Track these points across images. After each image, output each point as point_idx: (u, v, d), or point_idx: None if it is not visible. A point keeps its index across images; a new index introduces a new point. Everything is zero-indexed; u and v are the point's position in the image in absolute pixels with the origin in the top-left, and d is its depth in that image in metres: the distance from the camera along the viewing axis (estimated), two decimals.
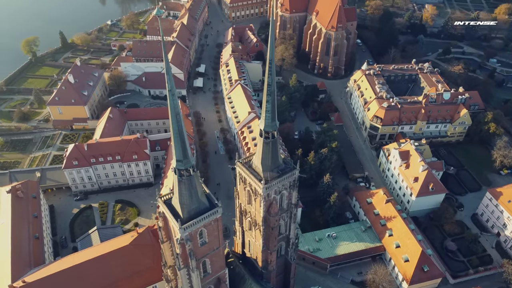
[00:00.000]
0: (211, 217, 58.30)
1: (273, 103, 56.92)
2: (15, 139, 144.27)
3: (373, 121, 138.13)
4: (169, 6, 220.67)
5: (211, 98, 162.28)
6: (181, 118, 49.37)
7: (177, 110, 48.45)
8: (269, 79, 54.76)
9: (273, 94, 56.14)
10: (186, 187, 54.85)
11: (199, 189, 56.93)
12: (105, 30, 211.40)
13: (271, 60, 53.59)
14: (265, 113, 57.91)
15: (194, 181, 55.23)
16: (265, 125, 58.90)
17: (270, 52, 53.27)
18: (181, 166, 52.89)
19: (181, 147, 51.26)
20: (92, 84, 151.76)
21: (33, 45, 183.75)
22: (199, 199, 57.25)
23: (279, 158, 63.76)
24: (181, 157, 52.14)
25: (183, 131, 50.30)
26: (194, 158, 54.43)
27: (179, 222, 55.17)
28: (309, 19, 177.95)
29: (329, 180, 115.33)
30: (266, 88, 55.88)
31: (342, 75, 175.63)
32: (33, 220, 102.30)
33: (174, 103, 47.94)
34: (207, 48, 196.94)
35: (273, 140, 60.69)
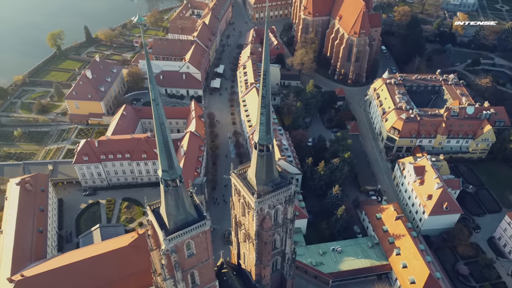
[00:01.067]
0: (199, 229, 56.47)
1: (267, 115, 54.53)
2: (33, 131, 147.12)
3: (390, 132, 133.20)
4: (194, 4, 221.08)
5: (227, 100, 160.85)
6: (166, 127, 47.57)
7: (161, 120, 46.69)
8: (264, 91, 52.40)
9: (268, 106, 53.76)
10: (172, 198, 53.21)
11: (187, 200, 55.15)
12: (129, 26, 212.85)
13: (266, 72, 51.21)
14: (259, 125, 55.50)
15: (181, 192, 53.50)
16: (260, 138, 56.56)
17: (265, 64, 50.91)
18: (167, 177, 51.24)
19: (166, 157, 49.55)
20: (110, 80, 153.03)
21: (58, 39, 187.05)
22: (187, 210, 55.49)
23: (275, 172, 61.23)
24: (166, 167, 50.48)
25: (169, 141, 48.53)
26: (181, 169, 52.49)
27: (164, 233, 53.62)
28: (332, 24, 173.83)
29: (338, 192, 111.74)
30: (260, 100, 53.56)
31: (363, 82, 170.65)
32: (38, 214, 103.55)
33: (159, 112, 46.17)
34: (228, 49, 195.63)
35: (268, 154, 58.28)
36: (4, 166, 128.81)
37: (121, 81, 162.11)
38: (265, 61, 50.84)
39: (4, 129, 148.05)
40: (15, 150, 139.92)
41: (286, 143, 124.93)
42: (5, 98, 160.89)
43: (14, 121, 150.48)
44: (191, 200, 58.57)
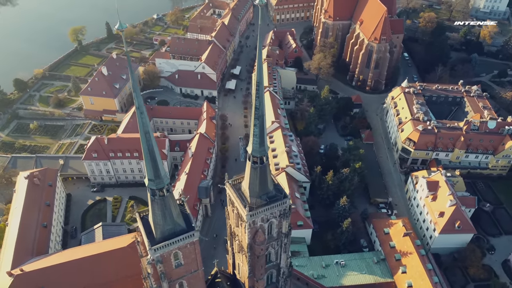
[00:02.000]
0: (186, 240, 54.96)
1: (261, 127, 52.35)
2: (48, 124, 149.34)
3: (405, 144, 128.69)
4: (215, 4, 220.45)
5: (241, 102, 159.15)
6: (151, 136, 46.12)
7: (146, 128, 45.27)
8: (257, 102, 50.29)
9: (261, 118, 51.57)
10: (159, 207, 51.86)
11: (175, 210, 53.68)
12: (150, 23, 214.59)
13: (259, 83, 49.06)
14: (252, 137, 53.46)
15: (168, 202, 52.06)
16: (253, 150, 54.44)
17: (258, 74, 48.75)
18: (153, 186, 49.87)
19: (152, 166, 48.17)
20: (125, 78, 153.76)
21: (80, 34, 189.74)
22: (174, 220, 54.04)
23: (269, 185, 59.00)
24: (152, 176, 49.11)
25: (154, 150, 47.15)
26: (168, 178, 51.02)
27: (149, 243, 52.36)
28: (352, 28, 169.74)
29: (346, 203, 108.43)
30: (253, 112, 51.45)
31: (381, 89, 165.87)
32: (44, 208, 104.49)
33: (143, 121, 44.75)
34: (246, 50, 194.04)
35: (262, 166, 56.06)
36: (17, 159, 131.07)
37: (137, 78, 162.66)
38: (259, 72, 48.71)
39: (21, 121, 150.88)
40: (30, 143, 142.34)
41: (296, 150, 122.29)
42: (24, 90, 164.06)
43: (31, 114, 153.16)
44: (181, 209, 57.18)
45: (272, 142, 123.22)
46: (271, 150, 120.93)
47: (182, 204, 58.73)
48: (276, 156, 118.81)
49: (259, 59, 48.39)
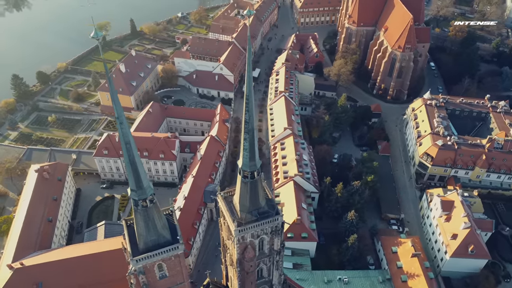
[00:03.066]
0: (170, 253, 53.34)
1: (251, 141, 49.97)
2: (66, 118, 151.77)
3: (422, 158, 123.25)
4: (240, 4, 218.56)
5: (257, 105, 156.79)
6: (132, 147, 44.58)
7: (126, 139, 43.76)
8: (246, 116, 47.99)
9: (252, 132, 49.19)
10: (142, 218, 50.42)
11: (159, 221, 52.15)
12: (174, 21, 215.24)
13: (248, 96, 46.71)
14: (242, 151, 51.19)
15: (152, 213, 50.56)
16: (243, 164, 52.19)
17: (248, 88, 46.40)
18: (135, 196, 48.44)
19: (133, 177, 46.70)
20: (143, 76, 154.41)
21: (104, 30, 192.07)
22: (158, 231, 52.52)
23: (261, 200, 56.54)
24: (134, 186, 47.66)
25: (136, 161, 45.59)
26: (152, 189, 49.47)
27: (130, 254, 51.02)
28: (376, 35, 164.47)
29: (354, 218, 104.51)
30: (243, 125, 49.17)
31: (403, 99, 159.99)
32: (51, 203, 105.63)
33: (123, 131, 43.28)
34: (267, 52, 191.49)
35: (252, 181, 53.69)
36: (33, 151, 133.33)
37: (155, 77, 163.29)
38: (248, 84, 46.36)
39: (41, 114, 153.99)
40: (47, 135, 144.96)
41: (307, 158, 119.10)
42: (46, 83, 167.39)
43: (50, 107, 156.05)
44: (169, 219, 55.66)
45: (283, 149, 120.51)
46: (281, 157, 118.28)
47: (170, 214, 57.22)
48: (285, 164, 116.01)
49: (249, 71, 45.93)
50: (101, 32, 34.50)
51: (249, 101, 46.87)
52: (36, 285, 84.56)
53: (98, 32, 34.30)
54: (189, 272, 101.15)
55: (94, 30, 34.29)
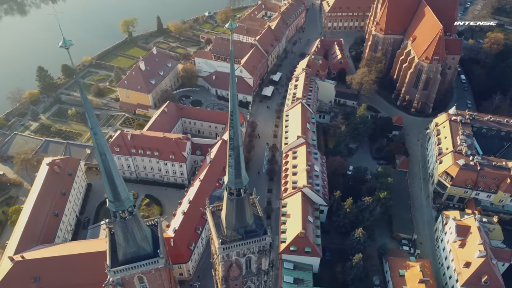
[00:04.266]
0: (150, 266, 51.80)
1: (237, 158, 47.72)
2: None
3: (442, 177, 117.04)
4: (268, 6, 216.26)
5: (274, 110, 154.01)
6: (107, 158, 43.15)
7: (101, 149, 42.36)
8: (231, 132, 45.78)
9: (237, 149, 46.96)
10: (120, 229, 49.15)
11: (139, 233, 50.72)
12: (200, 21, 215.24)
13: (233, 113, 44.36)
14: (228, 167, 48.92)
15: (130, 225, 49.18)
16: (229, 181, 49.98)
17: (232, 104, 44.02)
18: (113, 208, 47.14)
19: (110, 188, 45.37)
20: (162, 74, 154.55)
21: (131, 26, 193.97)
22: (138, 244, 51.06)
23: (248, 218, 54.24)
24: (112, 198, 46.26)
25: (112, 172, 44.13)
26: (131, 201, 48.07)
27: (108, 265, 49.76)
28: (404, 44, 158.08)
29: (361, 236, 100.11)
30: (228, 142, 46.84)
31: (428, 113, 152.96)
32: (59, 197, 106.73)
33: (97, 142, 41.91)
34: (291, 56, 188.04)
35: (239, 198, 51.38)
36: (50, 143, 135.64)
37: (175, 75, 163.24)
38: (232, 100, 43.98)
39: (62, 106, 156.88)
40: (65, 128, 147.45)
41: (319, 169, 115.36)
42: (70, 76, 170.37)
43: (72, 100, 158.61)
44: (153, 231, 54.13)
45: (294, 158, 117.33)
46: (292, 166, 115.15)
47: (155, 225, 55.71)
48: (295, 173, 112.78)
49: (232, 86, 43.55)
50: (70, 40, 32.95)
51: (233, 117, 44.57)
52: (34, 279, 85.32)
53: (67, 40, 32.77)
54: (189, 277, 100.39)
55: (63, 39, 32.79)
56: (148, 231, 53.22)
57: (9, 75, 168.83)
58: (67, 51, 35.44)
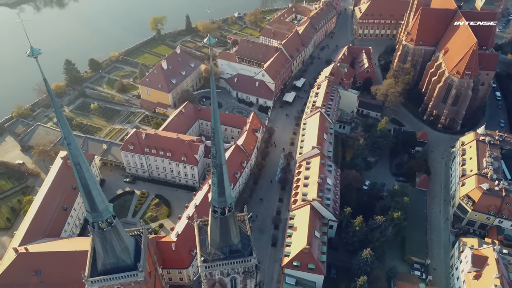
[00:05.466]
0: (128, 278, 50.43)
1: (220, 176, 45.50)
2: (107, 107, 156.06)
3: (463, 201, 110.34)
4: (298, 9, 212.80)
5: (294, 117, 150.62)
6: (82, 168, 41.90)
7: (75, 160, 41.22)
8: (213, 150, 43.62)
9: (220, 167, 44.76)
10: (98, 240, 48.12)
11: (118, 245, 49.53)
12: (230, 21, 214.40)
13: (214, 131, 42.10)
14: (211, 185, 46.77)
15: (109, 236, 48.03)
16: (212, 199, 47.85)
17: (214, 120, 41.73)
18: (90, 218, 45.95)
19: (86, 199, 44.18)
20: (184, 74, 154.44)
21: (159, 24, 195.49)
22: (117, 255, 49.80)
23: (233, 237, 51.95)
24: (88, 208, 45.10)
25: (88, 182, 42.89)
26: (110, 212, 46.76)
27: (85, 275, 48.78)
28: (435, 56, 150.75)
29: (369, 257, 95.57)
30: (211, 159, 44.68)
31: (456, 130, 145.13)
32: (69, 191, 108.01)
33: (71, 152, 40.80)
34: (317, 62, 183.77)
35: (223, 217, 49.15)
36: None
37: (197, 76, 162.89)
38: (214, 116, 41.68)
39: (86, 100, 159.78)
40: (86, 122, 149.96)
41: (331, 182, 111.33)
42: (97, 71, 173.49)
43: (95, 94, 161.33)
44: (137, 241, 52.79)
45: (307, 169, 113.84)
46: (304, 177, 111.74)
47: (140, 235, 54.34)
48: (307, 185, 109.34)
49: (214, 103, 41.28)
50: (38, 49, 31.72)
51: (215, 134, 42.33)
52: (35, 272, 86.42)
53: (35, 49, 31.56)
54: (189, 283, 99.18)
55: (30, 48, 31.60)
56: (131, 242, 51.97)
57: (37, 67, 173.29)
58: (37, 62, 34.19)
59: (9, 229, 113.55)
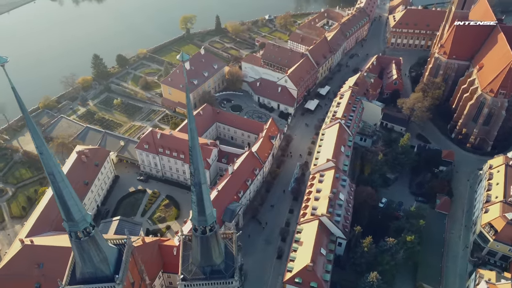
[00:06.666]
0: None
1: (199, 195, 43.46)
2: (130, 103, 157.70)
3: (485, 229, 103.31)
4: (330, 15, 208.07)
5: (314, 126, 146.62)
6: (56, 178, 40.93)
7: (49, 170, 40.25)
8: (191, 168, 41.49)
9: (198, 185, 42.64)
10: (76, 249, 47.20)
11: (97, 255, 48.50)
12: (260, 23, 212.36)
13: (192, 148, 39.93)
14: (191, 203, 44.75)
15: (86, 246, 47.07)
16: (192, 217, 45.98)
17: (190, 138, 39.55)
18: (66, 227, 45.06)
19: (62, 208, 43.28)
20: (207, 75, 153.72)
21: (189, 23, 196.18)
22: (95, 265, 48.72)
23: (215, 257, 49.81)
24: (64, 217, 44.16)
25: (63, 192, 41.92)
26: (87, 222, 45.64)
27: (61, 283, 48.04)
28: (469, 72, 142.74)
29: (375, 281, 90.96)
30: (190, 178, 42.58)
31: (486, 151, 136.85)
32: (81, 186, 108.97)
33: (44, 162, 39.75)
34: (344, 70, 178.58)
35: (203, 236, 47.04)
36: (90, 130, 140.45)
37: (220, 78, 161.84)
38: (191, 134, 39.48)
39: (110, 95, 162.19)
40: (108, 117, 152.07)
41: (344, 198, 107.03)
42: (124, 67, 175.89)
43: (120, 90, 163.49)
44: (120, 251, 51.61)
45: (320, 182, 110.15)
46: (316, 190, 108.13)
47: (123, 245, 53.14)
48: (318, 198, 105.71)
49: (190, 122, 39.13)
50: (5, 58, 30.67)
51: (193, 153, 40.22)
52: (37, 265, 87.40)
53: (1, 58, 30.48)
54: None
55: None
56: (113, 251, 50.83)
57: (67, 60, 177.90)
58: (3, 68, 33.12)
59: (24, 217, 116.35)
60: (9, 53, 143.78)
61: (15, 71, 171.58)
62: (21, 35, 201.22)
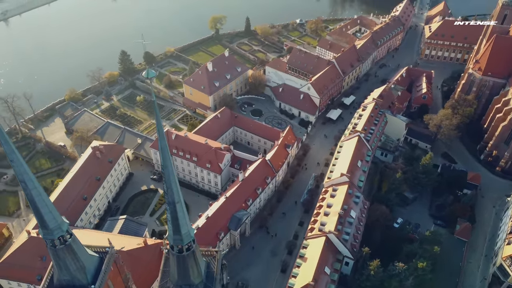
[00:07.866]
0: None
1: (173, 214, 41.53)
2: (152, 101, 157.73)
3: (505, 262, 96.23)
4: (363, 22, 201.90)
5: (333, 137, 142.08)
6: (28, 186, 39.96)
7: (20, 177, 39.19)
8: (165, 186, 39.57)
9: (173, 205, 40.71)
10: (51, 255, 46.38)
11: (73, 263, 47.58)
12: (290, 27, 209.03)
13: (164, 167, 37.99)
14: (167, 221, 42.88)
15: (62, 255, 46.11)
16: (168, 235, 44.14)
17: (162, 157, 37.56)
18: (41, 234, 44.31)
19: (36, 216, 42.42)
20: (229, 78, 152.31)
21: (219, 23, 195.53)
22: (72, 274, 47.79)
23: (193, 277, 47.80)
24: (39, 225, 43.38)
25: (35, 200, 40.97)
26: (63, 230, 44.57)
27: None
28: (505, 91, 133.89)
29: None
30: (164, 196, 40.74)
31: None
32: (92, 182, 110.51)
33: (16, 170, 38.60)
34: (372, 80, 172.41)
35: (180, 255, 45.10)
36: (110, 125, 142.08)
37: (242, 81, 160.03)
38: (163, 153, 37.46)
39: (134, 92, 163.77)
40: (130, 113, 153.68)
41: (355, 216, 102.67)
42: (150, 64, 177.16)
43: (144, 87, 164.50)
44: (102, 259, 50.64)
45: (332, 197, 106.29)
46: (327, 205, 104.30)
47: (105, 252, 52.10)
48: (327, 214, 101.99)
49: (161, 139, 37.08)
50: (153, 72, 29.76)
51: (165, 171, 38.30)
52: (40, 258, 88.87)
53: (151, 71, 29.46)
54: None
55: None
56: (92, 260, 49.88)
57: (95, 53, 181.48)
58: None
59: None
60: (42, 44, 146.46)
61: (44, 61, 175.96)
62: (58, 25, 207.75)
